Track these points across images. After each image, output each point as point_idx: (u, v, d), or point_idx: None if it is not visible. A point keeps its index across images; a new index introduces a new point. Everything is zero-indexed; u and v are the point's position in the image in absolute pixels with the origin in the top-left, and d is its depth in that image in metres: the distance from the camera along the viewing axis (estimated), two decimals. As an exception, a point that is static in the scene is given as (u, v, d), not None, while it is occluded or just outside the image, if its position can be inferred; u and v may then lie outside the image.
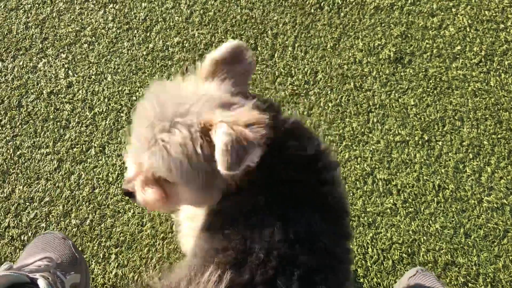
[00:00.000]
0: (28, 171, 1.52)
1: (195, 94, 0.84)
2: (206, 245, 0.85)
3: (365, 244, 1.44)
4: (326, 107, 1.64)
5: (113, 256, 1.39)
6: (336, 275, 0.84)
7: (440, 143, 1.58)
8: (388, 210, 1.48)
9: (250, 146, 0.75)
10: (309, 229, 0.83)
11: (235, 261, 0.78)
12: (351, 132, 1.60)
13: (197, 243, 0.90)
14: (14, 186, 1.50)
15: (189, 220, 1.06)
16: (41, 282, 1.00)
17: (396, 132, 1.60)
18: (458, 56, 1.72)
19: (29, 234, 1.43)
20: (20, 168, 1.52)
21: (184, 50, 1.72)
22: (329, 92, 1.66)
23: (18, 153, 1.54)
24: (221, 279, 0.74)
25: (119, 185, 1.48)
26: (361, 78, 1.69)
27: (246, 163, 0.76)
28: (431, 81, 1.68)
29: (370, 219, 1.47)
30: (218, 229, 0.84)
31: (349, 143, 1.58)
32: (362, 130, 1.60)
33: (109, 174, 1.51)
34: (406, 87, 1.67)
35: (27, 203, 1.47)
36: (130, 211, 1.46)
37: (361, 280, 1.39)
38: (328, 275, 0.82)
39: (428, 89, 1.67)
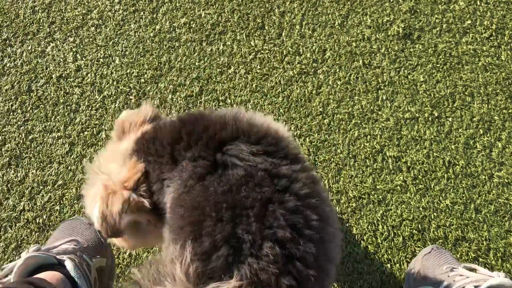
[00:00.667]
0: (40, 155, 1.54)
1: (110, 154, 1.00)
2: (166, 237, 0.88)
3: (375, 221, 1.45)
4: (335, 86, 1.63)
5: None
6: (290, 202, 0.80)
7: (450, 119, 1.57)
8: (398, 187, 1.49)
9: (122, 217, 0.90)
10: (247, 169, 0.83)
11: (193, 234, 0.78)
12: (360, 110, 1.59)
13: (164, 239, 0.95)
14: (27, 170, 1.52)
15: None
16: (68, 264, 1.02)
17: (406, 109, 1.59)
18: (468, 30, 1.69)
19: (44, 217, 1.45)
20: (32, 152, 1.54)
21: (191, 30, 1.72)
22: (337, 70, 1.65)
23: (30, 137, 1.56)
24: (183, 249, 0.75)
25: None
26: (369, 55, 1.67)
27: (123, 227, 0.91)
28: (440, 56, 1.66)
29: (380, 197, 1.48)
30: (172, 217, 0.86)
31: (359, 121, 1.58)
32: (371, 107, 1.60)
33: (120, 157, 1.52)
34: (416, 64, 1.66)
35: (41, 187, 1.50)
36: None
37: (372, 256, 1.40)
38: (283, 201, 0.79)
39: (438, 65, 1.65)
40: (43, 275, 0.98)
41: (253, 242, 0.75)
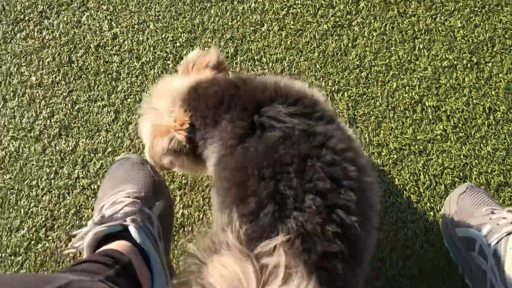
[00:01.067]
0: (88, 124, 1.60)
1: (167, 89, 1.10)
2: (215, 200, 0.95)
3: (416, 171, 1.48)
4: (370, 37, 1.62)
5: (178, 198, 1.49)
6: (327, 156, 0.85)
7: (489, 64, 1.56)
8: (439, 137, 1.50)
9: (164, 157, 1.05)
10: (284, 131, 0.88)
11: (239, 195, 0.83)
12: (398, 60, 1.59)
13: (212, 201, 1.06)
14: (77, 140, 1.58)
15: None
16: (132, 230, 1.06)
17: (444, 57, 1.58)
18: (507, -31, 1.64)
19: (98, 183, 1.53)
20: (80, 122, 1.60)
21: (222, -10, 1.71)
22: (372, 21, 1.63)
23: (76, 107, 1.62)
24: (231, 215, 0.79)
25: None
26: (404, 3, 1.64)
27: (166, 164, 1.09)
28: (478, -1, 1.62)
29: (421, 147, 1.50)
30: (218, 180, 0.92)
31: (396, 72, 1.57)
32: (409, 58, 1.59)
33: (164, 122, 1.57)
34: (452, 9, 1.62)
35: (92, 154, 1.57)
36: (189, 156, 1.53)
37: (415, 206, 1.44)
38: (321, 156, 0.84)
39: (476, 9, 1.62)
40: (114, 246, 1.04)
41: (296, 196, 0.80)
